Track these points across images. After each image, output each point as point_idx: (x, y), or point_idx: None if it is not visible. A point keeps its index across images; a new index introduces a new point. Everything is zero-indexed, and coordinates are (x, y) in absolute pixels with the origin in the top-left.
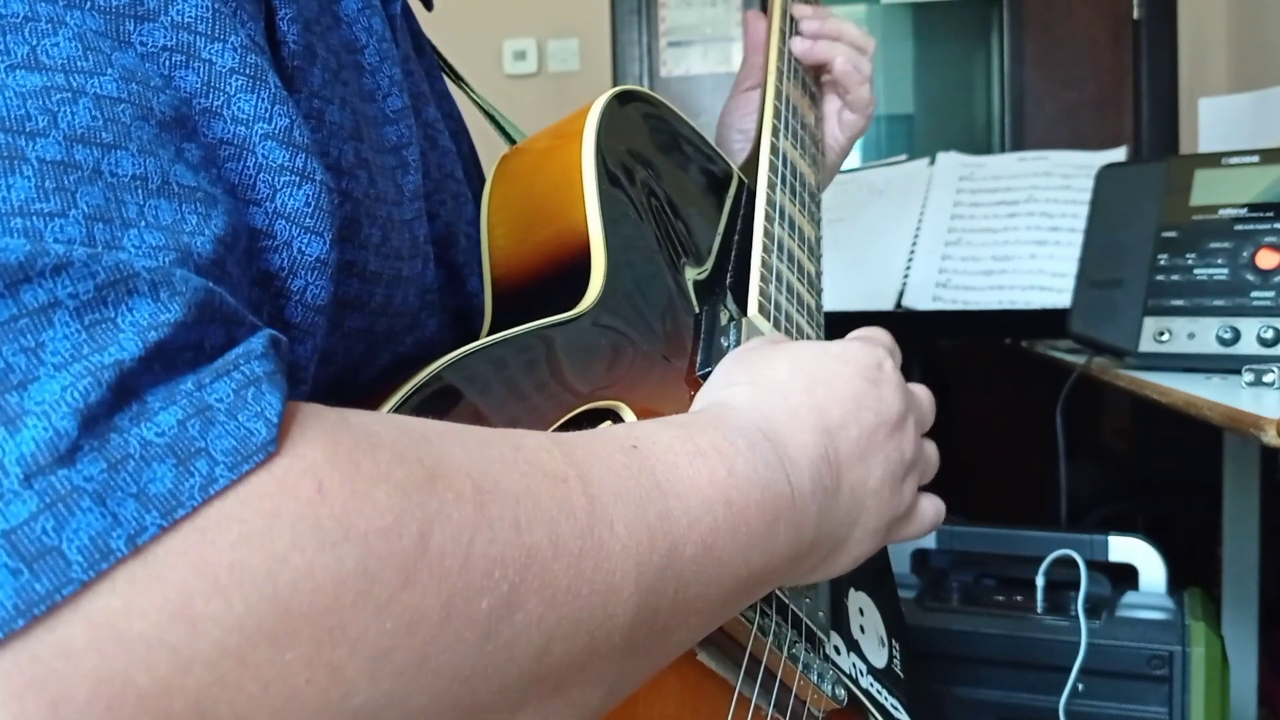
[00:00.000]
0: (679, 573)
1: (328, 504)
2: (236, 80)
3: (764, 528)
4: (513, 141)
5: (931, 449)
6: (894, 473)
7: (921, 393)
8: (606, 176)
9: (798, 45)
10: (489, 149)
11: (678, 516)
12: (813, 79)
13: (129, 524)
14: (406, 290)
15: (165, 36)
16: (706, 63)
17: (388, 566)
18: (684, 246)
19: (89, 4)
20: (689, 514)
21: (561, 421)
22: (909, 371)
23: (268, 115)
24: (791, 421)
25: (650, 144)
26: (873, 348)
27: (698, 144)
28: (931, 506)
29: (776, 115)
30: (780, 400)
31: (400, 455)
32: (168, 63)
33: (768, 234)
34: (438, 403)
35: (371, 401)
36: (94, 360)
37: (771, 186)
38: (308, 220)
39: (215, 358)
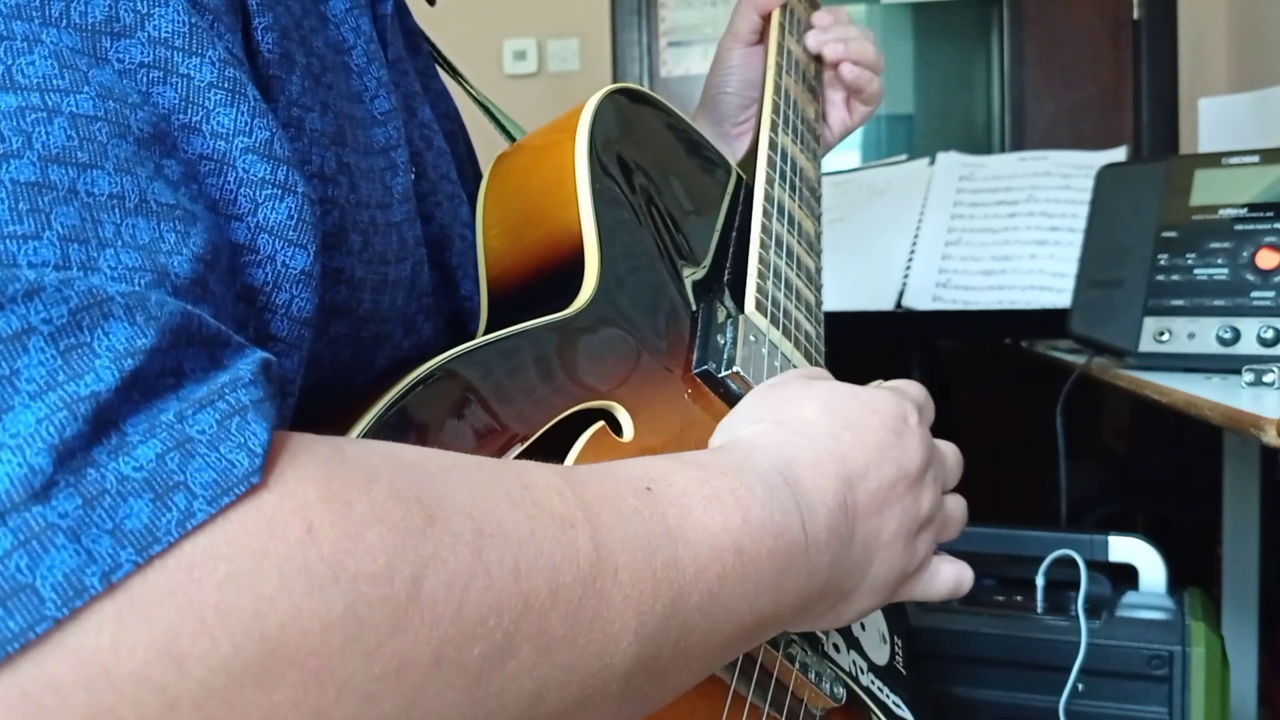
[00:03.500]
0: (682, 621)
1: (317, 545)
2: (215, 94)
3: (773, 575)
4: (512, 138)
5: (955, 505)
6: (908, 527)
7: (948, 450)
8: (601, 174)
9: (830, 50)
10: (490, 148)
11: (686, 564)
12: (813, 73)
13: (104, 561)
14: (394, 294)
15: (142, 52)
16: (706, 63)
17: (377, 611)
18: (682, 245)
19: (65, 21)
20: (697, 561)
21: (554, 422)
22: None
23: (248, 129)
24: (813, 467)
25: (646, 141)
26: (901, 400)
27: (694, 140)
28: (952, 570)
29: (775, 110)
30: (806, 443)
31: (397, 493)
32: (145, 79)
33: (765, 230)
34: (427, 403)
35: (365, 404)
36: (70, 390)
37: (770, 182)
38: (291, 233)
39: (199, 381)
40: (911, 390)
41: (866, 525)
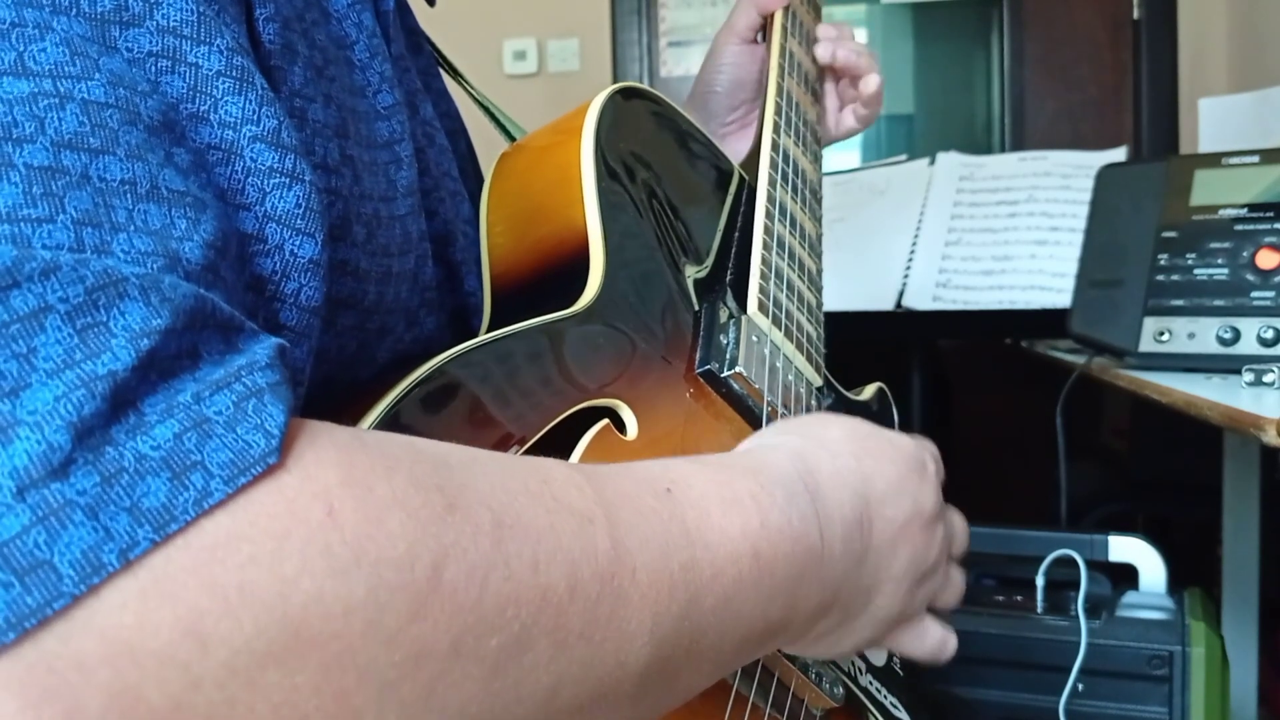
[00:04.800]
0: (696, 623)
1: (338, 529)
2: (223, 83)
3: (788, 581)
4: (512, 138)
5: (957, 575)
6: (913, 571)
7: (957, 516)
8: (606, 174)
9: (834, 54)
10: (489, 147)
11: (703, 567)
12: (814, 76)
13: (121, 538)
14: (399, 287)
15: (151, 41)
16: None
17: (398, 597)
18: (684, 244)
19: (75, 10)
20: (714, 565)
21: (558, 420)
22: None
23: (256, 117)
24: (834, 479)
25: (651, 141)
26: (921, 446)
27: (699, 141)
28: (940, 632)
29: (778, 112)
30: (829, 458)
31: (417, 481)
32: (154, 67)
33: (768, 231)
34: (433, 399)
35: (369, 398)
36: (87, 368)
37: (772, 184)
38: (299, 222)
39: (215, 363)
40: (928, 444)
41: (878, 554)
